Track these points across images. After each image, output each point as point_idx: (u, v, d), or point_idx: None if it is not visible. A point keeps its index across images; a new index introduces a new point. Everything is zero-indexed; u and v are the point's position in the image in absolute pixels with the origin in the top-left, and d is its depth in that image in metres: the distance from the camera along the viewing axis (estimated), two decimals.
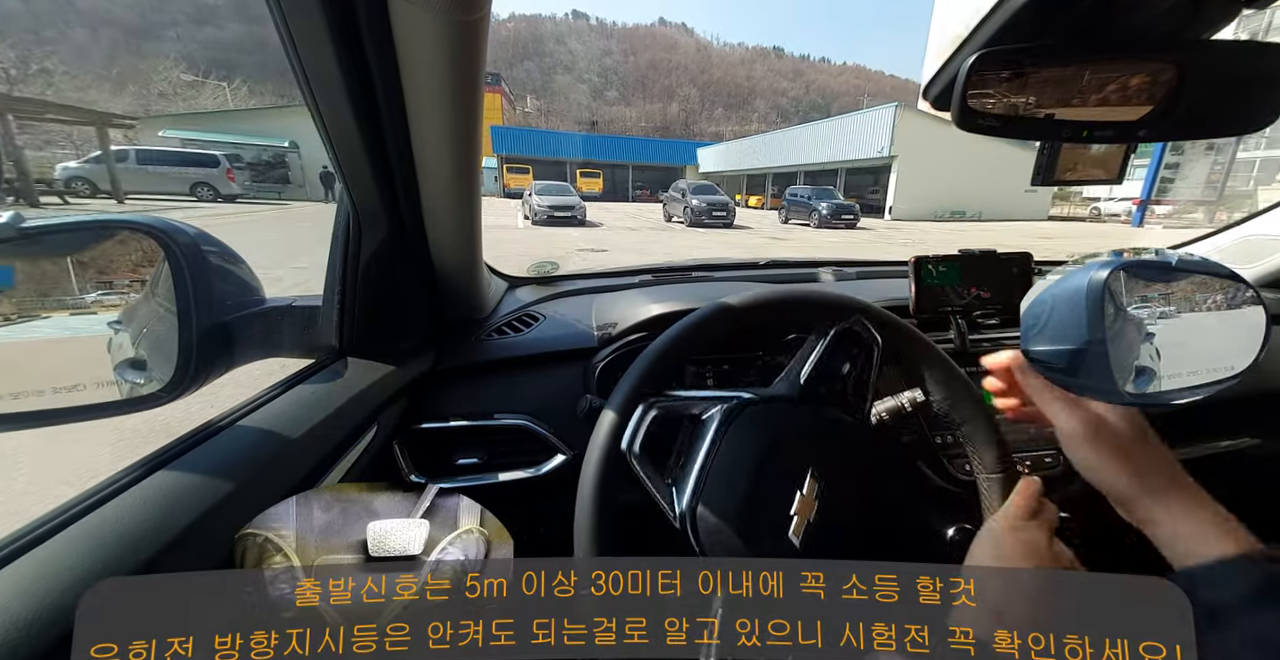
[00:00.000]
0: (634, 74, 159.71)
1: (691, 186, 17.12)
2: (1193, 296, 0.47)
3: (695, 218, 15.76)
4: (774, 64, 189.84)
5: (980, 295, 0.92)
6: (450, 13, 0.42)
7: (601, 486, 0.49)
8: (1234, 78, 0.45)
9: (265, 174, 19.45)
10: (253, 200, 15.61)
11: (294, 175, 20.07)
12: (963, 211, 24.87)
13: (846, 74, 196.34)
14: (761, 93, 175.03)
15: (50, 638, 0.31)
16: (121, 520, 0.39)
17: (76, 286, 0.49)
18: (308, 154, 19.39)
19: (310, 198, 17.31)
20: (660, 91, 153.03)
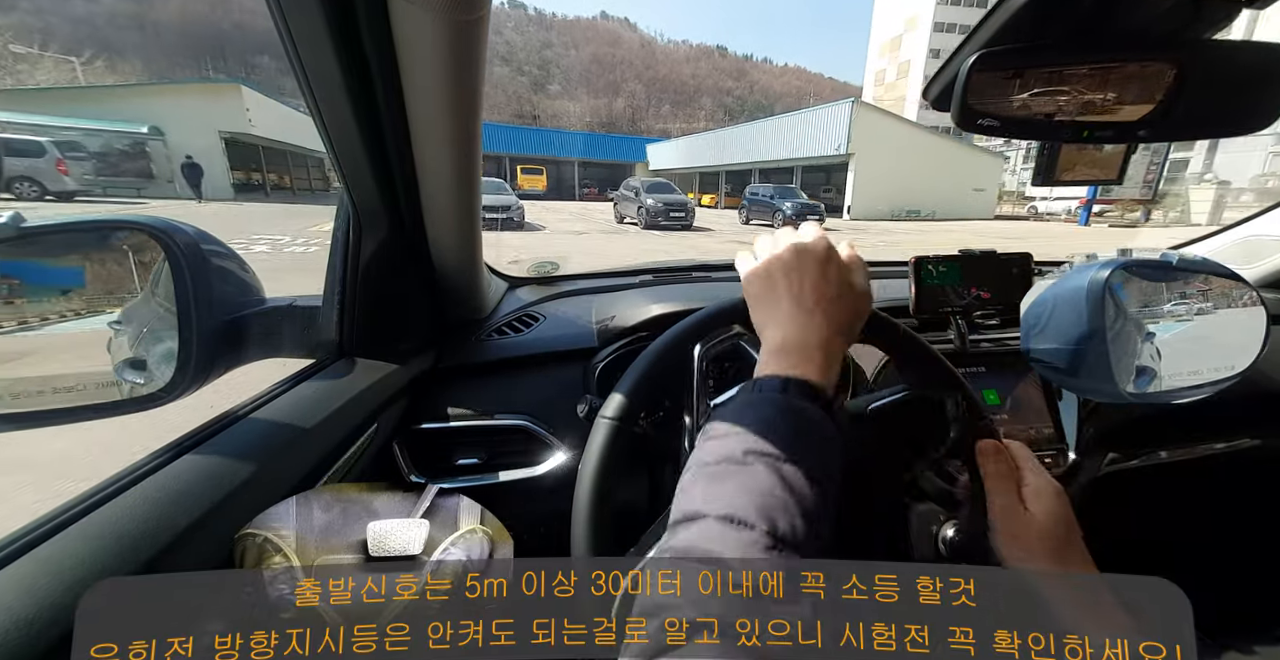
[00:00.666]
0: (577, 68, 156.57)
1: (645, 184, 15.49)
2: (1193, 296, 0.47)
3: (651, 219, 14.31)
4: (718, 63, 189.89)
5: (980, 295, 0.92)
6: (450, 13, 0.42)
7: (599, 491, 0.49)
8: (1234, 78, 0.45)
9: (118, 166, 15.92)
10: (100, 198, 12.93)
11: (159, 168, 16.82)
12: (918, 211, 24.71)
13: (788, 75, 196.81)
14: (707, 91, 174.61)
15: (50, 637, 0.31)
16: (121, 520, 0.39)
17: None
18: (176, 141, 16.76)
19: (180, 195, 14.92)
20: (605, 87, 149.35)
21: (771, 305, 0.45)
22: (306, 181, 27.72)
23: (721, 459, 0.37)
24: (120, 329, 0.55)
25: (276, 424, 0.55)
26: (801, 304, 0.44)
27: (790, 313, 0.44)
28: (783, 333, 0.43)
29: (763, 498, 0.34)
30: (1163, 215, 17.17)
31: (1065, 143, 0.53)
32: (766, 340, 0.45)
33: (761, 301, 0.46)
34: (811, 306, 0.44)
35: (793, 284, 0.45)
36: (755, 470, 0.35)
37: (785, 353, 0.42)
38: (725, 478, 0.36)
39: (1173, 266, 0.51)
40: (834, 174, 28.44)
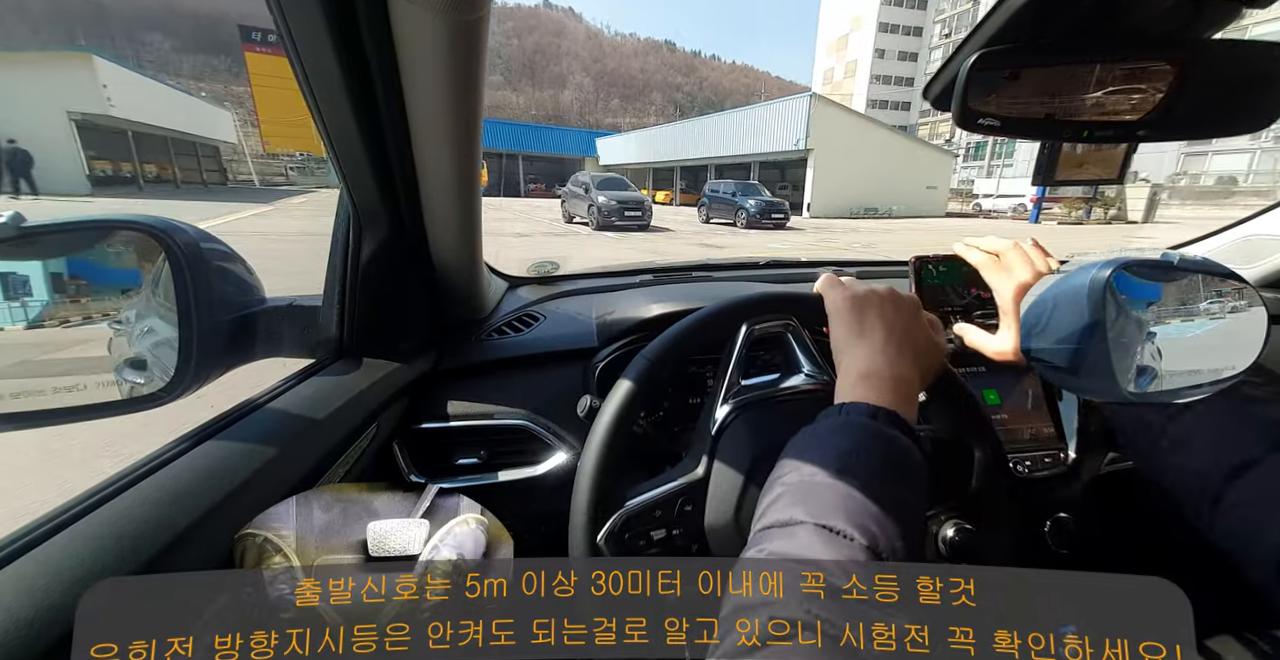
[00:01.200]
0: (520, 58, 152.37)
1: (597, 179, 13.86)
2: (1194, 296, 0.47)
3: (604, 219, 12.70)
4: (667, 58, 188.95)
5: (980, 295, 0.92)
6: (450, 13, 0.42)
7: (597, 491, 0.49)
8: (1234, 78, 0.45)
9: None
10: None
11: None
12: (875, 208, 24.32)
13: (737, 72, 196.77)
14: (657, 86, 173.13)
15: (50, 637, 0.31)
16: (121, 520, 0.39)
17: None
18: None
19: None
20: (551, 78, 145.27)
21: (862, 334, 0.47)
22: (197, 172, 24.78)
23: (814, 475, 0.37)
24: (120, 329, 0.55)
25: (276, 424, 0.55)
26: (894, 340, 0.46)
27: (881, 346, 0.45)
28: (870, 362, 0.45)
29: (860, 513, 0.34)
30: (1103, 212, 18.12)
31: (1065, 142, 0.53)
32: (850, 366, 0.46)
33: (851, 328, 0.48)
34: (903, 345, 0.46)
35: (889, 318, 0.47)
36: (850, 488, 0.36)
37: (871, 381, 0.43)
38: (820, 492, 0.36)
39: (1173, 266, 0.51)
40: (789, 170, 27.49)
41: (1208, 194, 23.31)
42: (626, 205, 13.00)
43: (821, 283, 0.54)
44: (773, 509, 0.37)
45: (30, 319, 0.45)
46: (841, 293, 0.50)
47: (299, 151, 25.67)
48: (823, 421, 0.42)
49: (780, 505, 0.37)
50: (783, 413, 0.57)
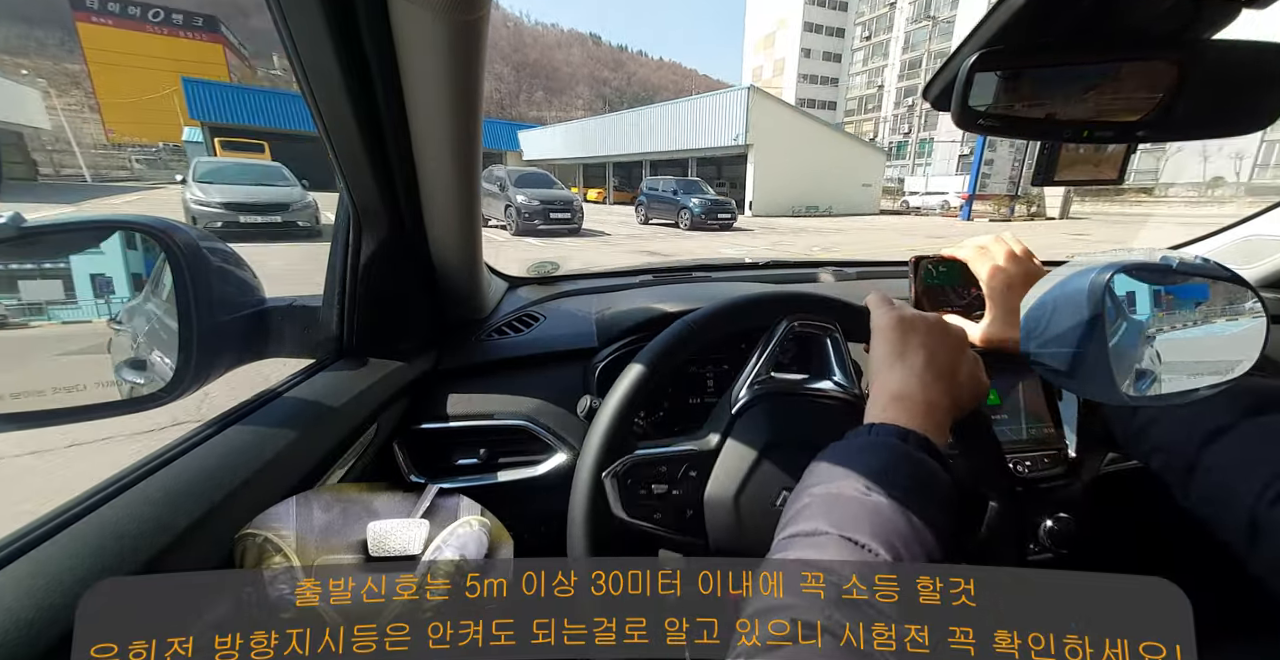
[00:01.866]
0: None
1: (515, 175, 11.32)
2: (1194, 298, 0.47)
3: (525, 222, 10.56)
4: (593, 51, 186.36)
5: (980, 295, 0.92)
6: (450, 13, 0.42)
7: (595, 491, 0.49)
8: (1234, 78, 0.45)
9: None
10: None
11: None
12: (816, 206, 23.90)
13: (665, 69, 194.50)
14: (583, 79, 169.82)
15: (50, 638, 0.31)
16: (121, 520, 0.39)
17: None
18: None
19: None
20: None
21: (903, 356, 0.47)
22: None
23: (842, 489, 0.37)
24: (120, 329, 0.55)
25: (277, 424, 0.55)
26: (933, 367, 0.46)
27: (919, 371, 0.45)
28: (905, 385, 0.45)
29: (886, 529, 0.35)
30: (1025, 209, 18.89)
31: (1065, 143, 0.53)
32: (884, 386, 0.46)
33: (893, 348, 0.48)
34: (941, 373, 0.46)
35: (931, 345, 0.47)
36: (878, 504, 0.36)
37: (904, 404, 0.43)
38: (847, 505, 0.36)
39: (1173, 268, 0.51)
40: (726, 167, 26.33)
41: (1103, 192, 25.01)
42: (552, 206, 10.60)
43: (872, 300, 0.54)
44: (799, 518, 0.38)
45: (113, 314, 0.51)
46: (890, 313, 0.50)
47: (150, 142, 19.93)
48: (852, 439, 0.42)
49: (807, 515, 0.37)
50: (804, 410, 0.58)
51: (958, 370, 0.48)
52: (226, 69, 29.38)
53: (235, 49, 35.34)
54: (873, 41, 58.98)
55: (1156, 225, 18.03)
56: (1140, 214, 22.37)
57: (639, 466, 0.53)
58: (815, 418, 0.57)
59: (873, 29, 58.35)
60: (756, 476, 0.53)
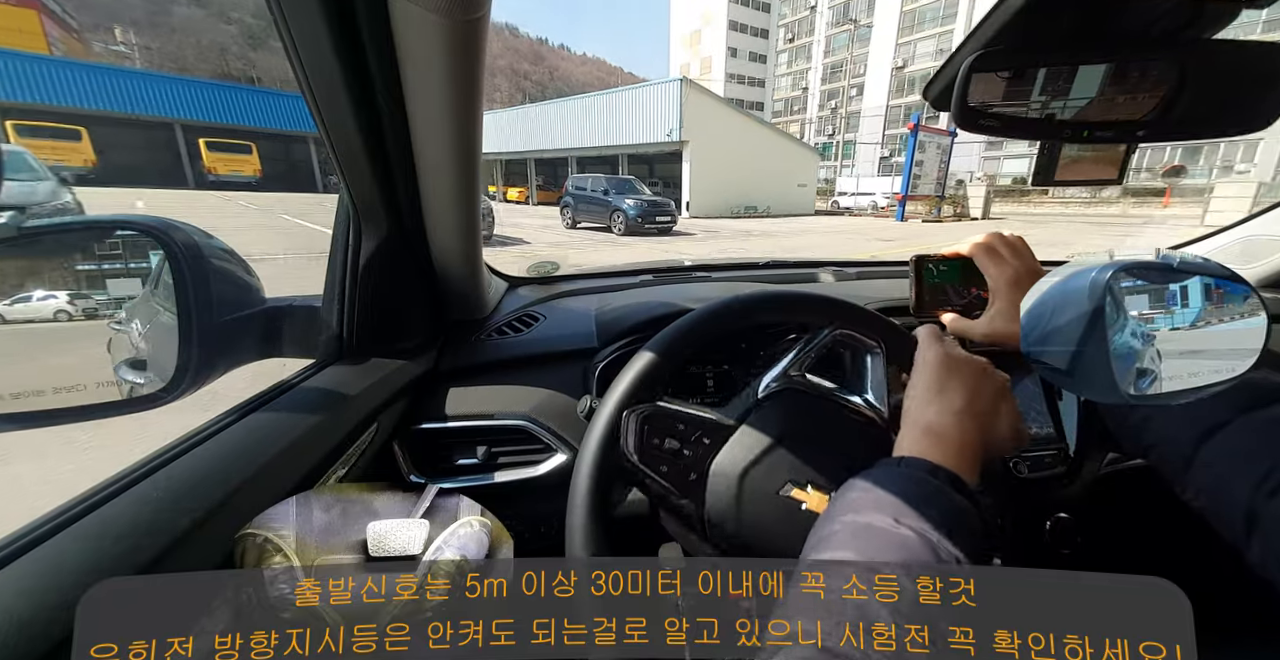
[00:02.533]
0: None
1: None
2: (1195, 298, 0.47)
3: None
4: (510, 42, 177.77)
5: (980, 295, 0.92)
6: (450, 13, 0.42)
7: (594, 491, 0.49)
8: (1234, 77, 0.45)
9: None
10: None
11: None
12: (755, 207, 22.61)
13: (589, 65, 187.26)
14: (502, 72, 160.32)
15: (50, 638, 0.31)
16: (121, 520, 0.39)
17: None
18: None
19: None
20: None
21: (942, 393, 0.47)
22: None
23: (871, 519, 0.37)
24: (120, 329, 0.55)
25: (277, 424, 0.55)
26: (971, 409, 0.45)
27: (957, 410, 0.45)
28: (941, 422, 0.44)
29: (917, 562, 0.34)
30: (951, 209, 19.48)
31: (1065, 143, 0.53)
32: (918, 420, 0.46)
33: (934, 384, 0.48)
34: (979, 416, 0.46)
35: (973, 387, 0.47)
36: (907, 537, 0.36)
37: (937, 440, 0.43)
38: (876, 536, 0.36)
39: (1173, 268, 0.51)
40: (660, 165, 24.44)
41: (1013, 192, 26.44)
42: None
43: (922, 332, 0.54)
44: (825, 545, 0.38)
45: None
46: (938, 348, 0.50)
47: None
48: (882, 470, 0.42)
49: (834, 543, 0.37)
50: (829, 416, 0.58)
51: (996, 415, 0.47)
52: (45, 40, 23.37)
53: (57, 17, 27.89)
54: (796, 44, 58.63)
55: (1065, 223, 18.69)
56: (1044, 214, 23.38)
57: (659, 416, 0.54)
58: (838, 426, 0.57)
59: (795, 32, 57.97)
60: (767, 460, 0.53)
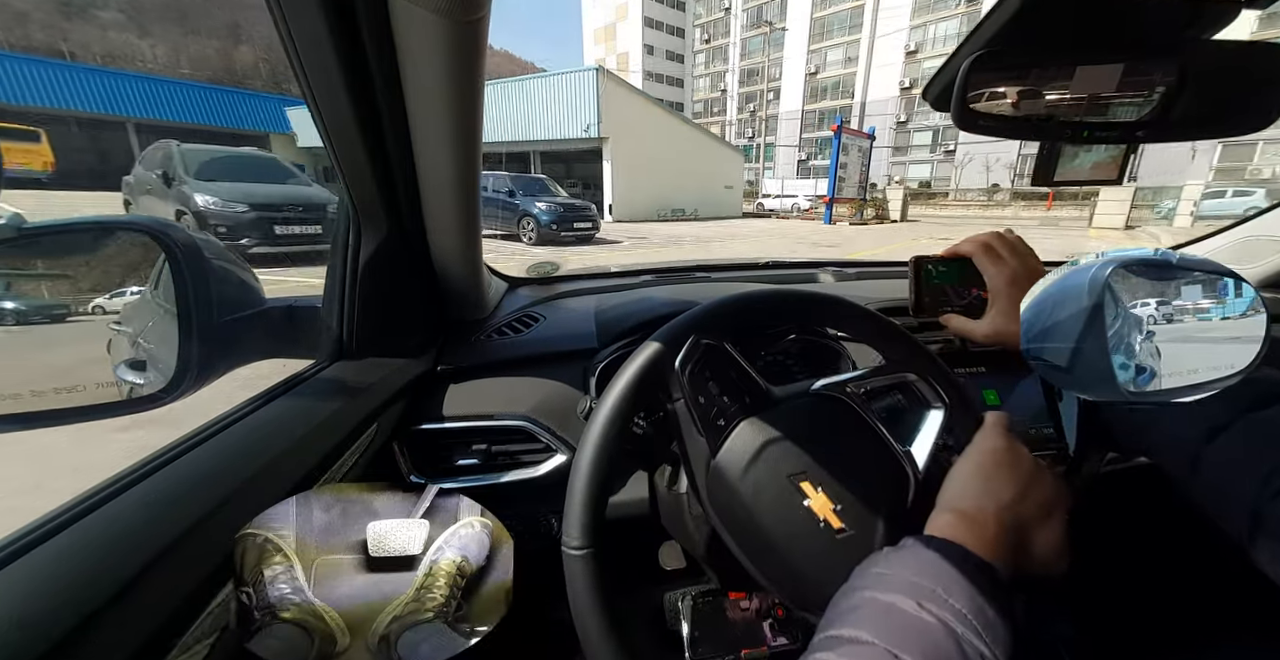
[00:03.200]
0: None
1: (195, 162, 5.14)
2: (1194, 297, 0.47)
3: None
4: None
5: (980, 295, 0.92)
6: (450, 13, 0.42)
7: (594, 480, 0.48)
8: (1234, 78, 0.45)
9: None
10: None
11: None
12: (682, 210, 21.68)
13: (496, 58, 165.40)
14: None
15: (50, 638, 0.31)
16: (121, 521, 0.39)
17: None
18: None
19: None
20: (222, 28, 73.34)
21: (992, 482, 0.44)
22: None
23: (894, 600, 0.36)
24: (121, 329, 0.55)
25: (276, 424, 0.55)
26: (1017, 508, 0.43)
27: (1004, 505, 0.43)
28: (980, 510, 0.42)
29: (934, 652, 0.33)
30: (873, 212, 20.04)
31: (1065, 143, 0.53)
32: (956, 501, 0.44)
33: (985, 471, 0.45)
34: (1024, 517, 0.43)
35: (1026, 487, 0.45)
36: (930, 625, 0.34)
37: (971, 527, 0.40)
38: (897, 618, 0.35)
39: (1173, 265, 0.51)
40: (578, 165, 22.53)
41: (920, 195, 28.22)
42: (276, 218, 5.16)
43: (991, 416, 0.51)
44: (843, 620, 0.36)
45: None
46: (1001, 438, 0.48)
47: None
48: (910, 549, 0.40)
49: (852, 620, 0.36)
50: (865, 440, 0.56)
51: (1041, 525, 0.44)
52: None
53: None
54: (713, 45, 57.99)
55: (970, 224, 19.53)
56: (950, 215, 24.79)
57: (720, 356, 0.54)
58: (871, 456, 0.55)
59: (711, 33, 57.28)
60: (793, 446, 0.52)
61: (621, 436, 0.49)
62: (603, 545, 0.45)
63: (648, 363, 0.52)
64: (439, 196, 0.65)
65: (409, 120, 0.55)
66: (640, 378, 0.51)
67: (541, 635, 0.74)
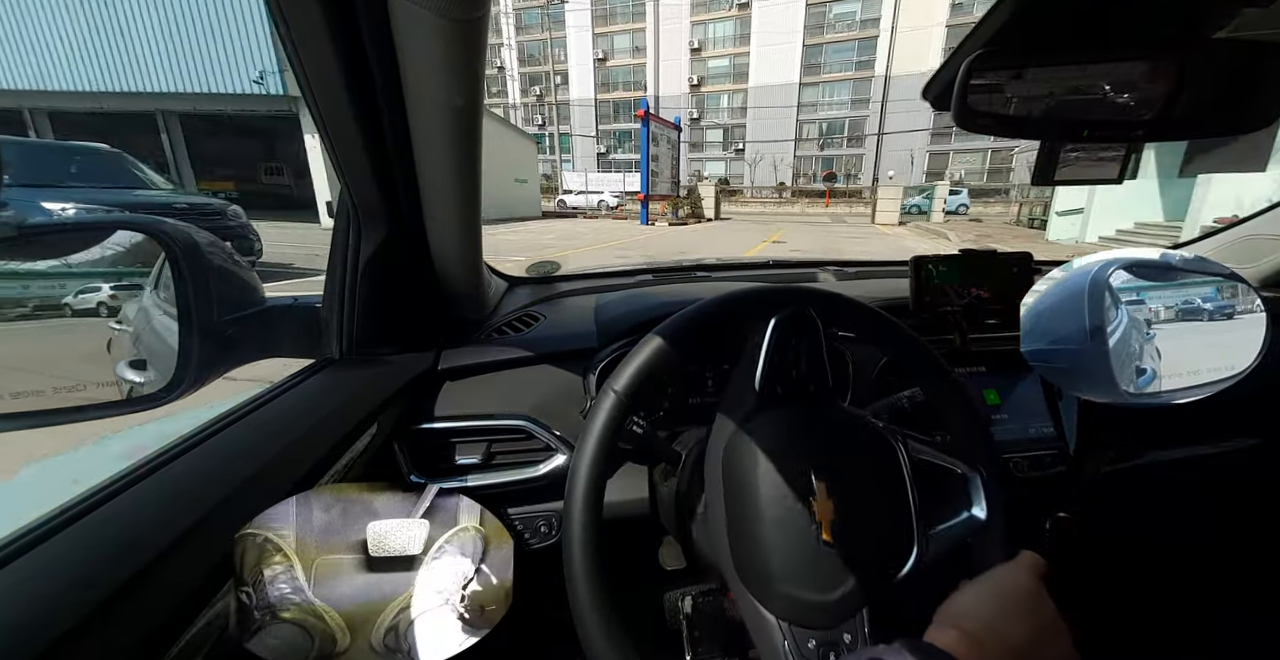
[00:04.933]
0: None
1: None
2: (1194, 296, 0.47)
3: None
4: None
5: (980, 295, 0.92)
6: (450, 13, 0.42)
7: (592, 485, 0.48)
8: (1234, 78, 0.45)
9: None
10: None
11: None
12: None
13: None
14: None
15: (49, 639, 0.31)
16: (121, 520, 0.39)
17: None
18: None
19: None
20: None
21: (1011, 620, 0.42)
22: None
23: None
24: (121, 329, 0.55)
25: (277, 424, 0.55)
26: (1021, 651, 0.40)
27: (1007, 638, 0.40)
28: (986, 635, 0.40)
29: None
30: (688, 210, 18.88)
31: (1065, 142, 0.53)
32: (958, 614, 0.42)
33: (1002, 604, 0.43)
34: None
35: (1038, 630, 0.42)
36: None
37: (971, 646, 0.39)
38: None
39: (1173, 266, 0.51)
40: (281, 142, 14.15)
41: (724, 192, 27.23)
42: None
43: (1031, 558, 0.48)
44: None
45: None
46: (1035, 585, 0.45)
47: None
48: (904, 653, 0.38)
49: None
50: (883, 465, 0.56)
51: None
52: None
53: None
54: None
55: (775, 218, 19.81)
56: (751, 212, 25.13)
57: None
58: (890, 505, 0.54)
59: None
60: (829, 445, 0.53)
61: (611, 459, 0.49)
62: (606, 545, 0.45)
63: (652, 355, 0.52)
64: (439, 196, 0.65)
65: (409, 120, 0.55)
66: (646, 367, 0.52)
67: (541, 635, 0.74)
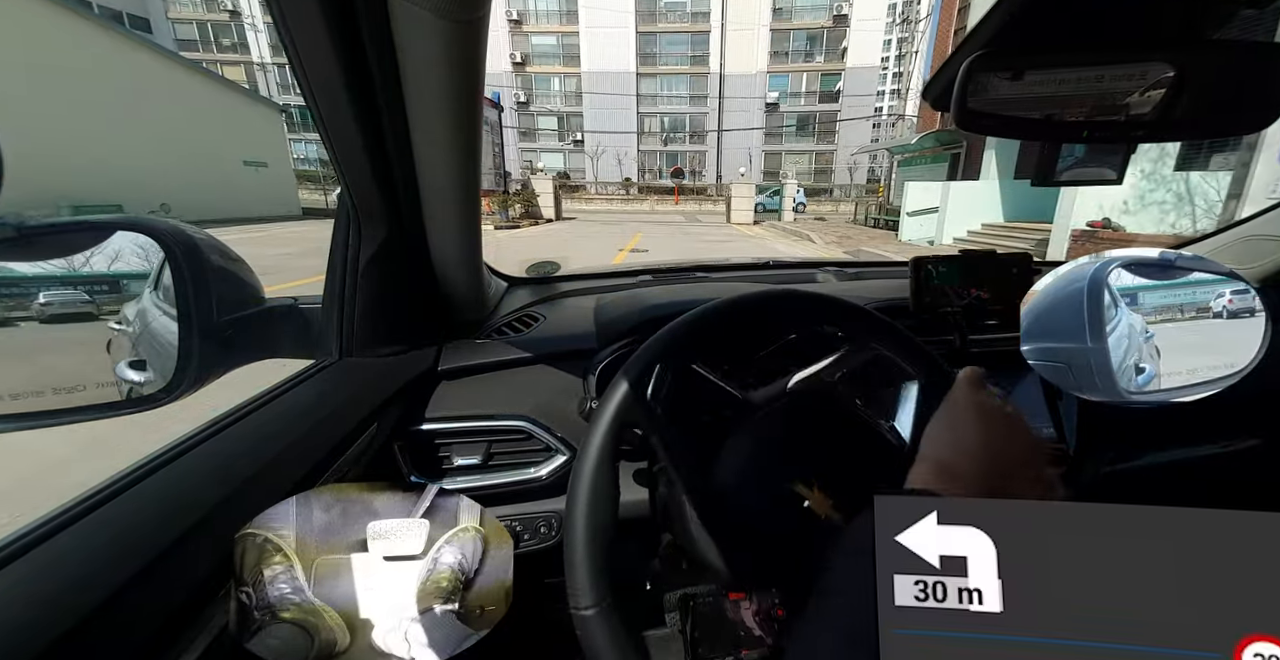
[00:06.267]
0: None
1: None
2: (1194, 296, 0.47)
3: None
4: None
5: (980, 296, 0.92)
6: (450, 13, 0.42)
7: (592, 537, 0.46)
8: (1234, 78, 0.45)
9: None
10: None
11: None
12: (118, 206, 11.25)
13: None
14: None
15: (49, 639, 0.31)
16: (122, 520, 0.39)
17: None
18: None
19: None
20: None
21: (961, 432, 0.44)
22: None
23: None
24: (120, 330, 0.55)
25: (277, 424, 0.55)
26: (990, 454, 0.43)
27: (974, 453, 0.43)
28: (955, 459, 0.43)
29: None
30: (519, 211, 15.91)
31: (1065, 143, 0.53)
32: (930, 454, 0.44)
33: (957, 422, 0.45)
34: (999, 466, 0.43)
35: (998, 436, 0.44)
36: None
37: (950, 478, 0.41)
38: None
39: (1173, 265, 0.51)
40: None
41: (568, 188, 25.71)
42: None
43: (963, 372, 0.50)
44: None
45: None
46: (972, 392, 0.47)
47: None
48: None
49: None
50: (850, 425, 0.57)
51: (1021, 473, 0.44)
52: None
53: None
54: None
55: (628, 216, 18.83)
56: (596, 209, 23.48)
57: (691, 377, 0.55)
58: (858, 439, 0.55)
59: None
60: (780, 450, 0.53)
61: (614, 485, 0.49)
62: (614, 598, 0.44)
63: (620, 406, 0.50)
64: (439, 196, 0.65)
65: (409, 120, 0.55)
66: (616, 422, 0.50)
67: (541, 635, 0.74)
